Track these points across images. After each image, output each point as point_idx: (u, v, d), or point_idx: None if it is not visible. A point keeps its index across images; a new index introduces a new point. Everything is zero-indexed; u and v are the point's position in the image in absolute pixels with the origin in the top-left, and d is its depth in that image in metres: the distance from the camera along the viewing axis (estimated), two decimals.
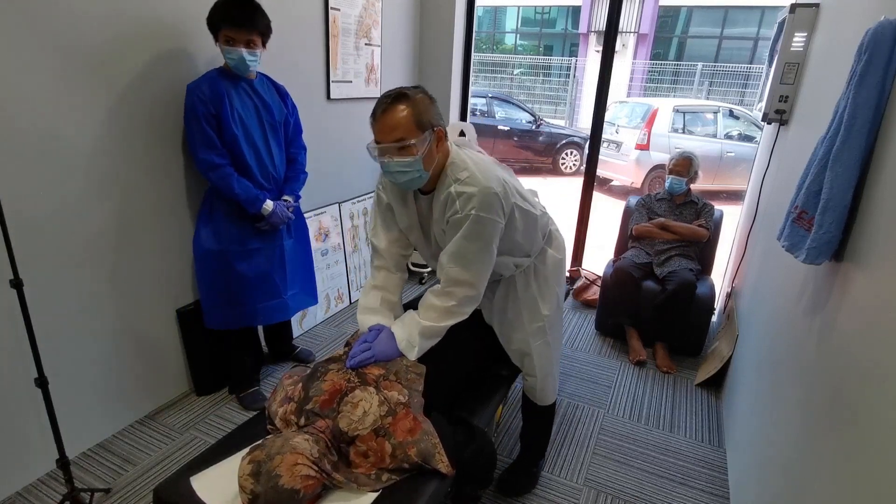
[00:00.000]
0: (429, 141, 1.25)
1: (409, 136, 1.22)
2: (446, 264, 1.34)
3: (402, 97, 1.23)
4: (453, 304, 1.36)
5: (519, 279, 1.58)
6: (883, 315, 0.92)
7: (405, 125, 1.22)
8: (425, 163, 1.26)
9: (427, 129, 1.25)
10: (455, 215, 1.29)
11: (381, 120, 1.24)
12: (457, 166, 1.31)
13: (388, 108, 1.23)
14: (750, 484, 1.62)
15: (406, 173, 1.27)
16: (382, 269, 1.53)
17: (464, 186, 1.27)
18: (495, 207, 1.28)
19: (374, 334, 1.40)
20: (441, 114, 1.31)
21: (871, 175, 1.10)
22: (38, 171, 1.58)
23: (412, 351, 1.37)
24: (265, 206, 1.98)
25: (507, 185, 1.34)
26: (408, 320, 1.41)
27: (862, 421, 0.93)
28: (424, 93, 1.28)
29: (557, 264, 1.64)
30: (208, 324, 2.07)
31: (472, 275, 1.34)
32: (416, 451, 1.18)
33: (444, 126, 1.31)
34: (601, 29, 12.08)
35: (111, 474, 1.80)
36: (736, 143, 6.85)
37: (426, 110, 1.25)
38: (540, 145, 7.94)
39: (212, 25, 1.82)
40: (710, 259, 2.97)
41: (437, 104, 1.31)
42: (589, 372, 2.62)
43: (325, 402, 1.21)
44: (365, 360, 1.33)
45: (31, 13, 1.49)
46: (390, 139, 1.23)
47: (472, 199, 1.26)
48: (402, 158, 1.24)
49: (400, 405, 1.24)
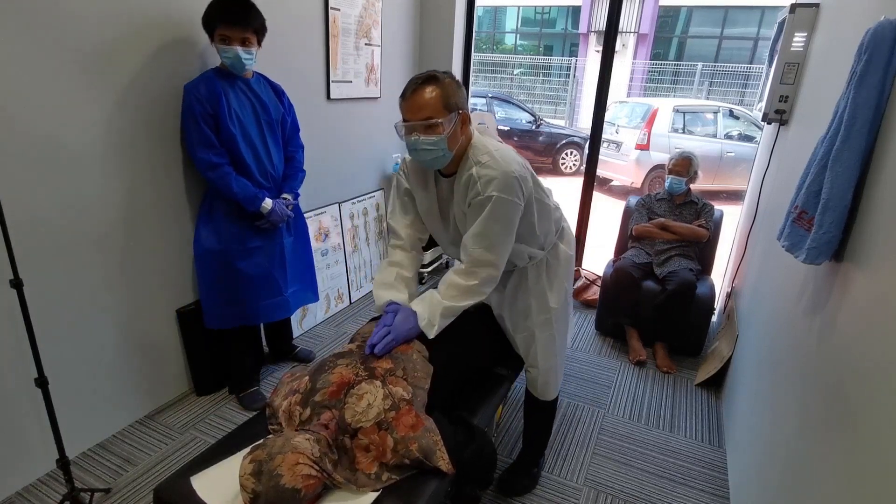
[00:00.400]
0: (454, 122, 1.31)
1: (436, 115, 1.29)
2: (470, 245, 1.38)
3: (433, 79, 1.30)
4: (475, 283, 1.40)
5: (531, 271, 1.61)
6: (883, 315, 0.92)
7: (433, 105, 1.29)
8: (450, 142, 1.32)
9: (454, 110, 1.31)
10: (477, 197, 1.34)
11: (410, 99, 1.30)
12: (478, 150, 1.37)
13: (419, 89, 1.29)
14: (750, 484, 1.62)
15: (431, 151, 1.33)
16: (398, 248, 1.59)
17: (485, 169, 1.33)
18: (515, 190, 1.33)
19: (391, 316, 1.41)
20: (466, 98, 1.37)
21: (871, 175, 1.10)
22: (38, 172, 1.58)
23: (432, 329, 1.40)
24: (264, 204, 1.98)
25: (526, 169, 1.40)
26: (429, 298, 1.44)
27: (862, 421, 0.93)
28: (453, 78, 1.34)
29: (568, 260, 1.69)
30: (208, 323, 2.07)
31: (495, 255, 1.39)
32: (417, 446, 1.18)
33: (468, 110, 1.37)
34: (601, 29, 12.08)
35: (111, 474, 1.80)
36: (736, 143, 6.85)
37: (454, 93, 1.31)
38: (540, 145, 7.94)
39: (207, 25, 1.83)
40: (710, 259, 2.97)
41: (463, 89, 1.36)
42: (589, 372, 2.62)
43: (332, 394, 1.22)
44: (388, 344, 1.34)
45: (31, 14, 1.49)
46: (419, 117, 1.30)
47: (493, 182, 1.31)
48: (428, 136, 1.30)
49: (403, 402, 1.24)
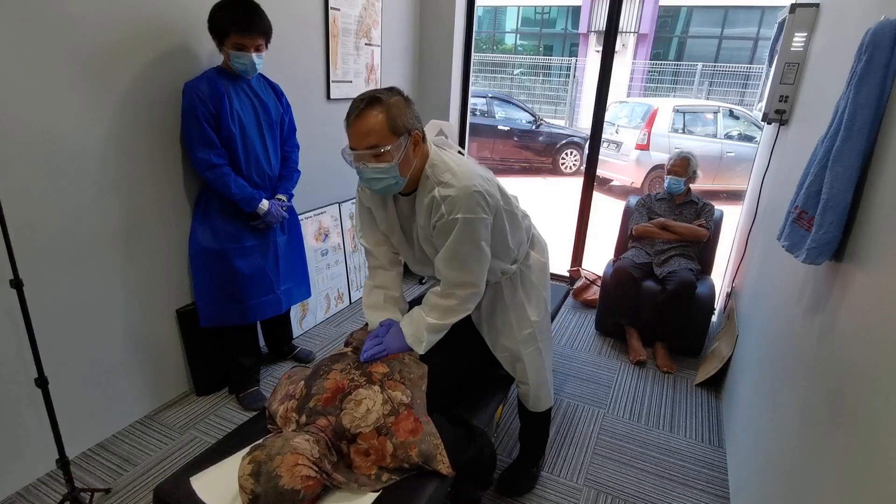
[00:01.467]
0: (404, 146, 1.21)
1: (383, 142, 1.19)
2: (443, 269, 1.34)
3: (376, 101, 1.19)
4: (456, 303, 1.38)
5: (506, 286, 1.57)
6: (883, 315, 0.92)
7: (379, 131, 1.18)
8: (401, 168, 1.23)
9: (402, 133, 1.21)
10: (441, 220, 1.27)
11: (354, 125, 1.20)
12: (438, 168, 1.28)
13: (362, 113, 1.19)
14: (750, 484, 1.62)
15: (381, 180, 1.24)
16: (378, 269, 1.56)
17: (447, 189, 1.25)
18: (480, 205, 1.27)
19: (385, 329, 1.43)
20: (418, 116, 1.27)
21: (871, 175, 1.10)
22: (38, 172, 1.58)
23: (420, 345, 1.40)
24: (261, 205, 1.99)
25: (489, 181, 1.33)
26: (416, 316, 1.43)
27: (862, 421, 0.93)
28: (400, 94, 1.24)
29: (542, 268, 1.64)
30: (203, 322, 2.07)
31: (470, 275, 1.35)
32: (417, 451, 1.18)
33: (422, 129, 1.27)
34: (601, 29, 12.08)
35: (111, 474, 1.80)
36: (736, 143, 6.84)
37: (401, 114, 1.21)
38: (540, 145, 7.94)
39: (218, 31, 1.82)
40: (710, 259, 2.97)
41: (413, 106, 1.26)
42: (589, 372, 2.62)
43: (327, 400, 1.22)
44: (377, 353, 1.36)
45: (31, 16, 1.49)
46: (364, 145, 1.20)
47: (458, 202, 1.24)
48: (377, 165, 1.21)
49: (403, 406, 1.24)
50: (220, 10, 1.80)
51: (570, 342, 2.90)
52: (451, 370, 1.49)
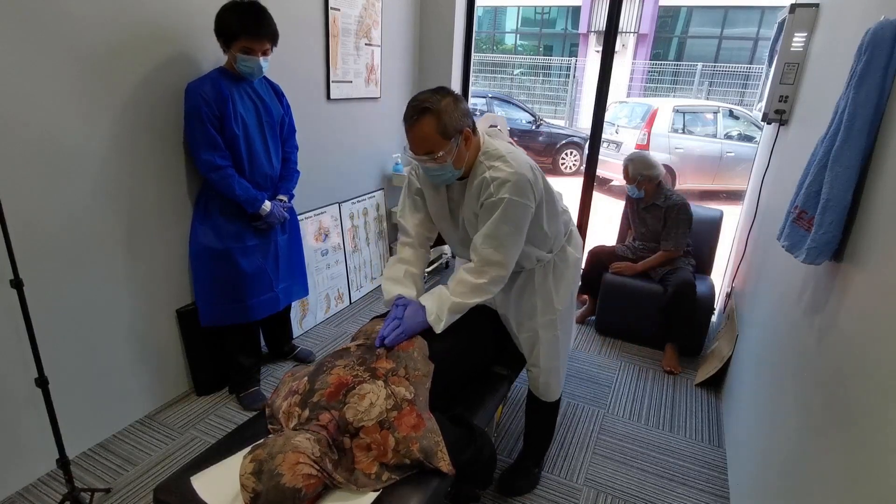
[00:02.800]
0: (456, 146, 1.32)
1: (436, 148, 1.30)
2: (480, 245, 1.40)
3: (426, 111, 1.28)
4: (484, 282, 1.42)
5: (538, 272, 1.63)
6: (883, 315, 0.92)
7: (432, 138, 1.29)
8: (456, 163, 1.35)
9: (453, 135, 1.30)
10: (489, 199, 1.35)
11: (410, 132, 1.32)
12: (490, 154, 1.39)
13: (415, 123, 1.30)
14: (750, 484, 1.62)
15: (439, 176, 1.38)
16: (407, 246, 1.62)
17: (497, 172, 1.35)
18: (527, 192, 1.36)
19: (402, 310, 1.45)
20: (467, 111, 1.35)
21: (871, 175, 1.10)
22: (39, 172, 1.58)
23: (439, 324, 1.43)
24: (263, 206, 1.99)
25: (537, 171, 1.42)
26: (438, 294, 1.47)
27: (862, 421, 0.93)
28: (449, 95, 1.32)
29: (575, 263, 1.70)
30: (203, 321, 2.07)
31: (504, 255, 1.41)
32: (418, 447, 1.18)
33: (471, 123, 1.36)
34: (601, 29, 12.08)
35: (111, 474, 1.80)
36: (736, 143, 6.84)
37: (451, 117, 1.29)
38: (540, 145, 7.94)
39: (226, 35, 1.81)
40: (710, 259, 2.97)
41: (462, 103, 1.34)
42: (589, 372, 2.62)
43: (330, 395, 1.22)
44: (398, 337, 1.38)
45: (32, 17, 1.49)
46: (421, 152, 1.32)
47: (506, 184, 1.33)
48: (434, 165, 1.33)
49: (406, 401, 1.24)
50: (229, 13, 1.80)
51: (570, 342, 2.90)
52: (458, 368, 1.49)
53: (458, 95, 1.34)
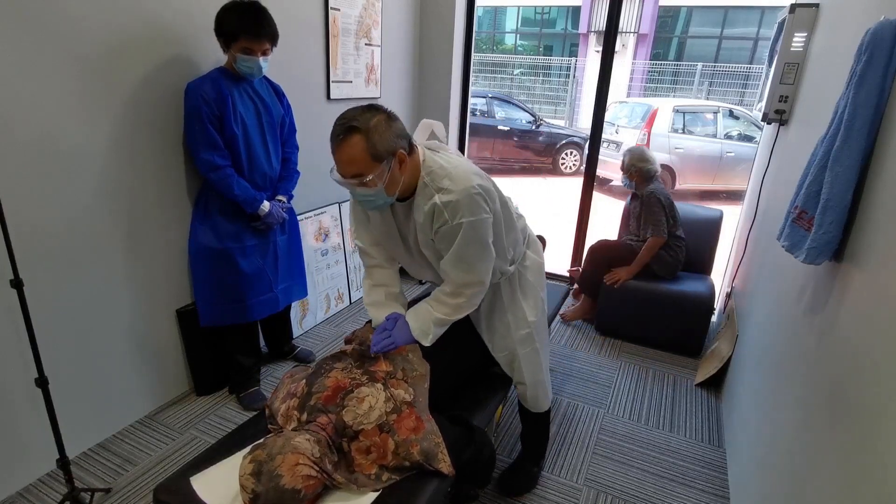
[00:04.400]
0: (388, 169, 1.21)
1: (366, 171, 1.19)
2: (450, 272, 1.36)
3: (353, 130, 1.17)
4: (463, 301, 1.42)
5: (504, 287, 1.58)
6: (883, 315, 0.92)
7: (360, 160, 1.18)
8: (388, 189, 1.24)
9: (384, 158, 1.19)
10: (445, 225, 1.27)
11: (337, 152, 1.20)
12: (436, 174, 1.28)
13: (341, 143, 1.18)
14: (750, 484, 1.62)
15: (371, 201, 1.27)
16: (375, 268, 1.57)
17: (447, 195, 1.25)
18: (481, 206, 1.28)
19: (392, 322, 1.45)
20: (402, 131, 1.24)
21: (871, 175, 1.10)
22: (39, 172, 1.58)
23: (426, 338, 1.42)
24: (262, 206, 1.99)
25: (485, 178, 1.35)
26: (422, 310, 1.45)
27: (862, 420, 0.93)
28: (381, 112, 1.21)
29: (538, 268, 1.66)
30: (203, 321, 2.07)
31: (477, 273, 1.38)
32: (418, 449, 1.18)
33: (405, 146, 1.24)
34: (601, 29, 12.08)
35: (111, 474, 1.80)
36: (736, 143, 6.84)
37: (382, 138, 1.18)
38: (540, 145, 7.94)
39: (226, 35, 1.81)
40: (710, 259, 2.97)
41: (396, 123, 1.22)
42: (589, 372, 2.62)
43: (327, 398, 1.22)
44: (386, 346, 1.38)
45: (33, 17, 1.49)
46: (348, 174, 1.20)
47: (460, 206, 1.25)
48: (364, 189, 1.22)
49: (405, 404, 1.24)
50: (229, 13, 1.80)
51: (570, 342, 2.90)
52: (454, 368, 1.50)
53: (391, 114, 1.23)
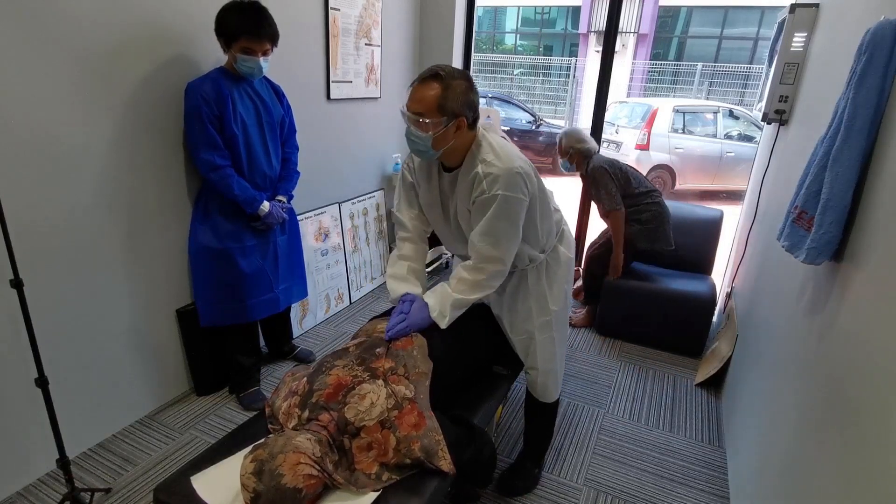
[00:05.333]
0: (445, 126, 1.30)
1: (427, 114, 1.29)
2: (477, 242, 1.40)
3: (436, 77, 1.29)
4: (483, 278, 1.44)
5: (531, 273, 1.62)
6: (883, 315, 0.92)
7: (428, 104, 1.29)
8: (435, 143, 1.33)
9: (447, 114, 1.29)
10: (482, 195, 1.34)
11: (414, 89, 1.32)
12: (483, 148, 1.38)
13: (423, 83, 1.30)
14: (750, 484, 1.62)
15: (415, 143, 1.36)
16: (407, 241, 1.62)
17: (490, 167, 1.34)
18: (520, 186, 1.35)
19: (408, 305, 1.48)
20: (475, 103, 1.34)
21: (871, 175, 1.10)
22: (39, 172, 1.58)
23: (444, 320, 1.46)
24: (262, 207, 1.99)
25: (530, 166, 1.42)
26: (440, 291, 1.49)
27: (862, 420, 0.93)
28: (465, 79, 1.32)
29: (568, 262, 1.69)
30: (203, 321, 2.07)
31: (502, 251, 1.41)
32: (419, 446, 1.18)
33: (471, 116, 1.34)
34: (601, 29, 12.08)
35: (111, 474, 1.80)
36: (736, 143, 6.84)
37: (455, 98, 1.29)
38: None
39: (227, 35, 1.81)
40: (710, 259, 2.97)
41: (474, 94, 1.34)
42: (589, 372, 2.62)
43: (329, 396, 1.22)
44: (401, 330, 1.42)
45: (34, 16, 1.49)
46: (412, 110, 1.32)
47: (499, 180, 1.32)
48: (416, 130, 1.32)
49: (406, 400, 1.25)
50: (230, 13, 1.80)
51: (570, 342, 2.90)
52: (458, 366, 1.50)
53: (475, 86, 1.35)
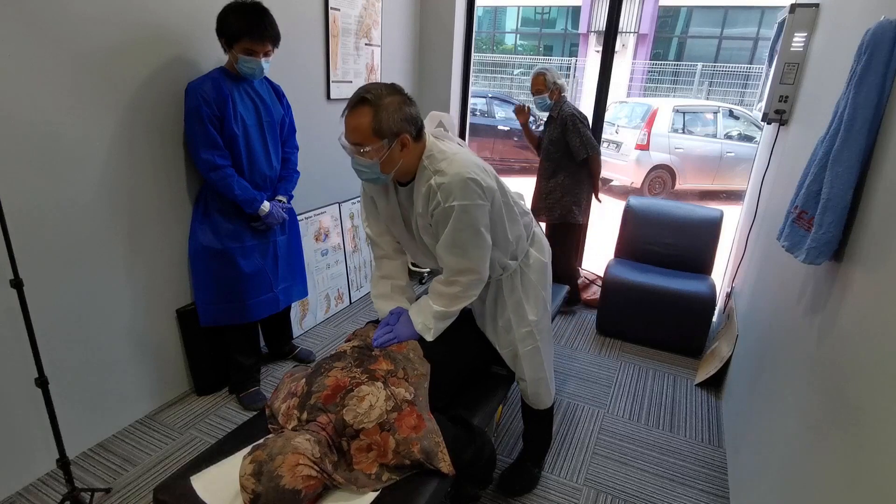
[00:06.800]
0: (388, 148, 1.25)
1: (365, 142, 1.23)
2: (444, 257, 1.38)
3: (364, 102, 1.22)
4: (459, 290, 1.43)
5: (505, 284, 1.59)
6: (883, 315, 0.92)
7: (363, 131, 1.23)
8: (383, 167, 1.28)
9: (387, 136, 1.23)
10: (438, 207, 1.30)
11: (346, 119, 1.26)
12: (434, 158, 1.32)
13: (352, 111, 1.24)
14: (750, 484, 1.62)
15: (364, 173, 1.31)
16: (384, 258, 1.60)
17: (442, 177, 1.29)
18: (475, 192, 1.30)
19: (395, 317, 1.49)
20: (415, 116, 1.28)
21: (871, 175, 1.10)
22: (40, 172, 1.58)
23: (429, 333, 1.45)
24: (262, 207, 1.99)
25: (486, 171, 1.36)
26: (423, 305, 1.49)
27: (862, 420, 0.93)
28: (399, 94, 1.26)
29: (542, 268, 1.65)
30: (203, 321, 2.07)
31: (471, 261, 1.38)
32: (419, 447, 1.18)
33: (412, 131, 1.28)
34: (601, 29, 12.07)
35: (111, 474, 1.80)
36: (736, 143, 6.84)
37: (389, 117, 1.22)
38: None
39: (228, 35, 1.81)
40: (710, 259, 2.97)
41: (410, 107, 1.27)
42: (589, 372, 2.62)
43: (327, 397, 1.22)
44: (388, 340, 1.42)
45: (34, 16, 1.49)
46: (350, 140, 1.26)
47: (453, 189, 1.28)
48: (360, 159, 1.27)
49: (406, 402, 1.24)
50: (232, 14, 1.80)
51: (570, 342, 2.90)
52: (454, 366, 1.50)
53: (409, 98, 1.28)
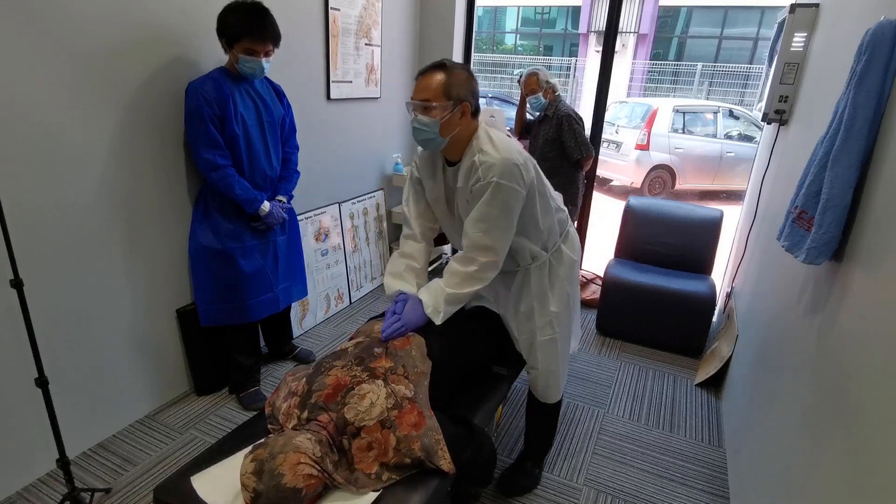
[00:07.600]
0: (451, 111, 1.36)
1: (434, 99, 1.36)
2: (469, 229, 1.43)
3: (441, 66, 1.38)
4: (475, 269, 1.45)
5: (534, 273, 1.62)
6: (883, 315, 0.92)
7: (434, 90, 1.36)
8: (442, 128, 1.38)
9: (453, 99, 1.36)
10: (478, 183, 1.38)
11: (418, 80, 1.40)
12: (481, 139, 1.42)
13: (427, 72, 1.38)
14: (750, 484, 1.62)
15: (422, 131, 1.39)
16: (409, 239, 1.64)
17: (486, 156, 1.38)
18: (515, 176, 1.37)
19: (401, 305, 1.49)
20: (476, 93, 1.43)
21: (871, 175, 1.10)
22: (40, 172, 1.58)
23: (438, 316, 1.46)
24: (262, 207, 1.99)
25: (528, 161, 1.44)
26: (433, 287, 1.50)
27: (862, 420, 0.93)
28: (466, 70, 1.41)
29: (571, 264, 1.68)
30: (203, 321, 2.07)
31: (493, 240, 1.42)
32: (419, 445, 1.18)
33: (474, 103, 1.41)
34: (601, 29, 12.07)
35: (111, 474, 1.80)
36: (736, 143, 6.84)
37: (459, 84, 1.37)
38: None
39: (229, 35, 1.82)
40: (710, 259, 2.97)
41: (474, 83, 1.42)
42: (589, 372, 2.62)
43: (328, 396, 1.22)
44: (397, 330, 1.43)
45: (35, 15, 1.49)
46: (419, 97, 1.38)
47: (494, 168, 1.36)
48: (423, 117, 1.37)
49: (406, 400, 1.25)
50: (232, 14, 1.80)
51: None
52: (456, 364, 1.50)
53: (475, 78, 1.43)
